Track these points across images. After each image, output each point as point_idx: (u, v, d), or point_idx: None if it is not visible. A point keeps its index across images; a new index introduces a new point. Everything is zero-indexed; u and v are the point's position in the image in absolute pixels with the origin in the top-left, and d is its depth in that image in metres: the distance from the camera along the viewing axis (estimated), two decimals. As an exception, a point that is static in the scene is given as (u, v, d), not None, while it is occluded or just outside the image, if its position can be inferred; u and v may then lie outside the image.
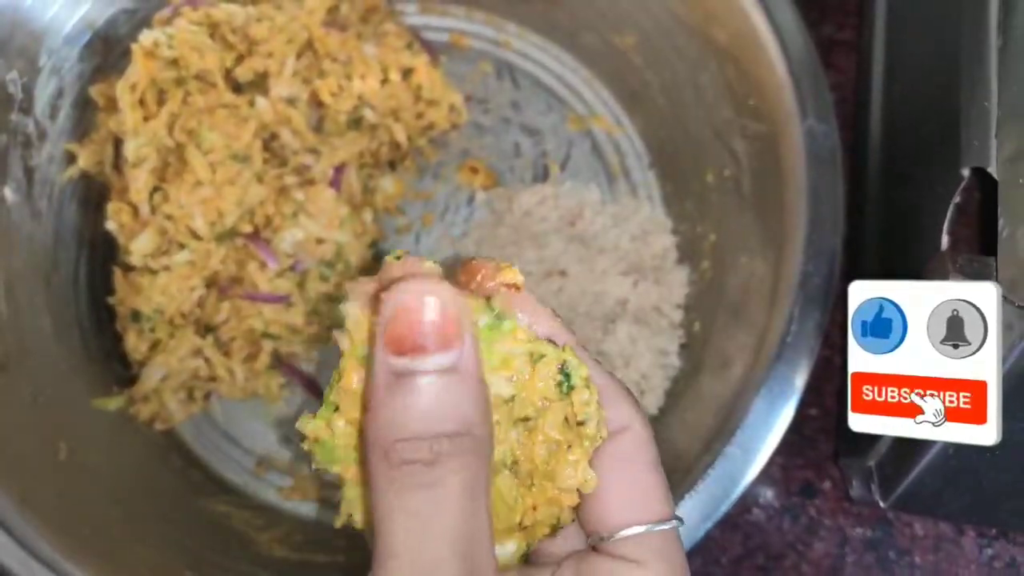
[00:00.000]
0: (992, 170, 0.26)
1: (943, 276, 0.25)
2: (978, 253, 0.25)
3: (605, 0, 0.41)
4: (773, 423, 0.29)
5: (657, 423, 0.36)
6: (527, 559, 0.20)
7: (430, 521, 0.16)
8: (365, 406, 0.18)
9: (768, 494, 0.40)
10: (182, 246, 0.39)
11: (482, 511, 0.17)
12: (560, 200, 0.44)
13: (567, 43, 0.45)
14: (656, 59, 0.41)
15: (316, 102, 0.41)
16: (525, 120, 0.45)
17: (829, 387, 0.41)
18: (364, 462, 0.18)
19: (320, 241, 0.41)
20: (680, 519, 0.20)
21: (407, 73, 0.42)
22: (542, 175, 0.45)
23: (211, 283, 0.40)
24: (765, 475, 0.40)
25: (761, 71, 0.34)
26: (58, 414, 0.35)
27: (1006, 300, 0.24)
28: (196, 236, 0.39)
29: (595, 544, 0.20)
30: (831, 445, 0.40)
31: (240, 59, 0.40)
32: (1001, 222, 0.25)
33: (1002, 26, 0.27)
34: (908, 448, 0.29)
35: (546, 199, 0.44)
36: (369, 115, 0.42)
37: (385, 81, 0.42)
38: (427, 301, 0.17)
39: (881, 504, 0.31)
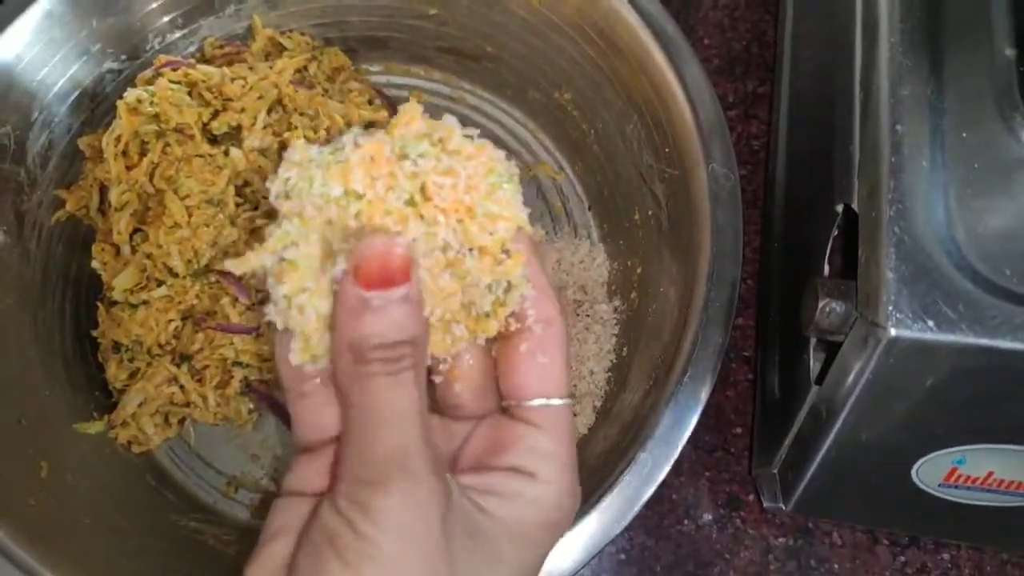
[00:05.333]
0: (854, 205, 0.30)
1: (814, 299, 0.29)
2: (843, 277, 0.29)
3: (545, 61, 0.46)
4: (680, 432, 0.33)
5: (585, 440, 0.39)
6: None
7: (393, 400, 0.22)
8: (336, 325, 0.23)
9: (698, 506, 0.43)
10: (160, 282, 0.43)
11: (423, 392, 0.23)
12: (509, 239, 0.48)
13: (514, 98, 0.50)
14: (590, 112, 0.46)
15: (285, 151, 0.45)
16: (478, 167, 0.50)
17: (752, 407, 0.44)
18: (336, 368, 0.23)
19: (287, 277, 0.44)
20: (572, 396, 0.25)
21: (368, 126, 0.47)
22: (493, 216, 0.49)
23: (187, 316, 0.44)
24: (695, 488, 0.43)
25: (674, 122, 0.39)
26: (41, 436, 0.38)
27: (860, 316, 0.28)
28: (173, 273, 0.43)
29: (507, 408, 0.25)
30: (755, 460, 0.43)
31: (216, 114, 0.44)
32: (860, 250, 0.29)
33: (864, 82, 0.32)
34: (801, 452, 0.33)
35: (496, 238, 0.48)
36: (333, 163, 0.46)
37: (348, 133, 0.46)
38: (395, 247, 0.23)
39: (784, 508, 0.35)
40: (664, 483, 0.43)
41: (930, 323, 0.26)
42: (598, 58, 0.43)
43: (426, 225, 0.24)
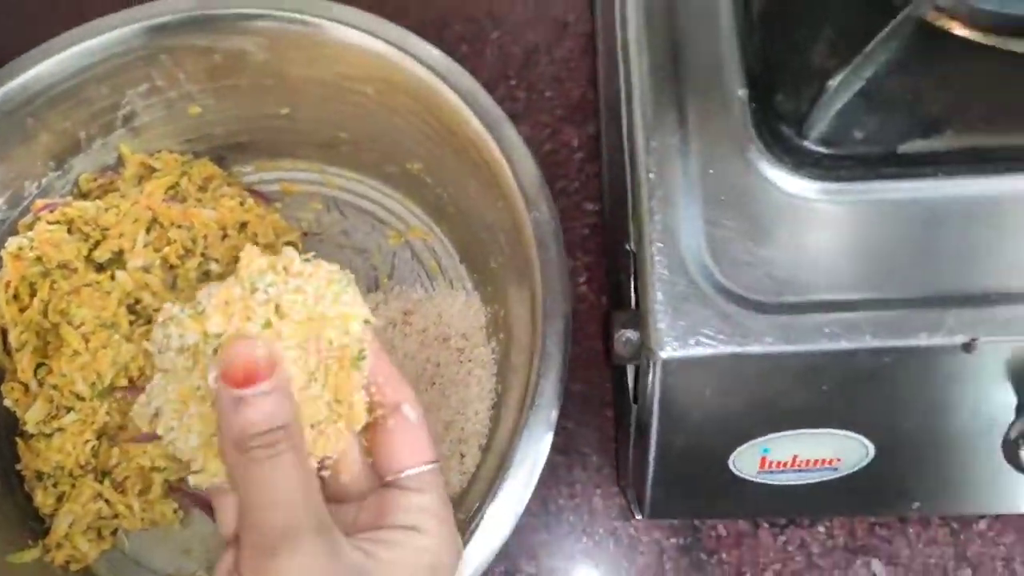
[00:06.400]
0: (632, 246, 0.34)
1: (612, 330, 0.33)
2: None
3: (392, 140, 0.50)
4: (536, 458, 0.36)
5: (473, 478, 0.43)
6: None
7: (277, 479, 0.26)
8: (219, 425, 0.27)
9: (593, 523, 0.46)
10: (69, 409, 0.46)
11: (307, 468, 0.27)
12: (391, 303, 0.52)
13: (376, 174, 0.54)
14: (440, 178, 0.50)
15: (168, 265, 0.49)
16: (355, 242, 0.54)
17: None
18: (224, 459, 0.27)
19: (187, 381, 0.48)
20: (437, 460, 0.30)
21: (243, 226, 0.51)
22: (375, 285, 0.53)
23: (101, 434, 0.47)
24: (589, 506, 0.47)
25: (500, 181, 0.43)
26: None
27: (643, 343, 0.32)
28: (80, 398, 0.46)
29: (388, 482, 0.29)
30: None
31: (96, 244, 0.48)
32: (633, 284, 0.33)
33: (628, 136, 0.36)
34: (638, 465, 0.37)
35: (379, 304, 0.52)
36: (214, 267, 0.50)
37: (225, 236, 0.50)
38: (255, 349, 0.27)
39: (639, 517, 0.38)
40: (559, 506, 0.47)
41: (692, 341, 0.30)
42: (434, 134, 0.47)
43: (285, 339, 0.28)
